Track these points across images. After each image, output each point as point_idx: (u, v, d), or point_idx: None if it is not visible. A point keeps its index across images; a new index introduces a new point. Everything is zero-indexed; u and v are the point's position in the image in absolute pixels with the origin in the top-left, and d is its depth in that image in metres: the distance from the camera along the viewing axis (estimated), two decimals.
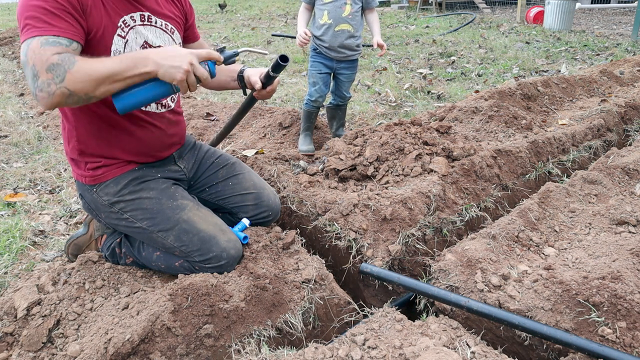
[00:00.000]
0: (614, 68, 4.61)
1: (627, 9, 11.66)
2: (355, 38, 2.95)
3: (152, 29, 1.65)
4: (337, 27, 2.88)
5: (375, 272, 1.70)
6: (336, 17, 2.87)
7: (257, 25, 10.06)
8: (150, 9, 1.65)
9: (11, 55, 7.25)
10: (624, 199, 2.12)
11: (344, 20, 2.87)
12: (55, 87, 1.31)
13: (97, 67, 1.35)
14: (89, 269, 1.72)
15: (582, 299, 1.46)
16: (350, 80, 3.13)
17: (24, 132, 3.73)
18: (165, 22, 1.70)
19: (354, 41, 2.95)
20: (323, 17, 2.90)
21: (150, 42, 1.64)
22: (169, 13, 1.72)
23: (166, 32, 1.71)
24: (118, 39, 1.54)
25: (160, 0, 1.71)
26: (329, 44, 2.92)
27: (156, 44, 1.67)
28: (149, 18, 1.64)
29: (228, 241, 1.67)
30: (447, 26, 9.22)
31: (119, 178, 1.69)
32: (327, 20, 2.88)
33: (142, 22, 1.62)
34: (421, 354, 1.28)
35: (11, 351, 1.48)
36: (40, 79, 1.31)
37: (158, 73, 1.39)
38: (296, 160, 2.60)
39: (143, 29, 1.62)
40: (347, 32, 2.90)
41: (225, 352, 1.47)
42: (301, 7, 3.09)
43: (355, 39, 2.96)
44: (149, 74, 1.40)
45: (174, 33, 1.74)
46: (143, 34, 1.62)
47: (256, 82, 1.79)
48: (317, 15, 2.95)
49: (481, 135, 2.89)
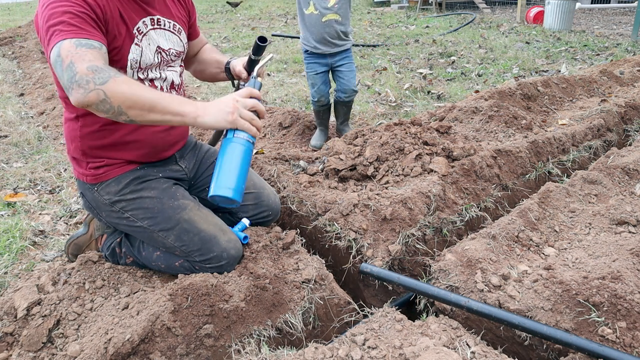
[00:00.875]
0: (614, 68, 4.61)
1: (627, 9, 11.66)
2: (343, 26, 2.94)
3: (162, 32, 1.67)
4: (324, 17, 2.88)
5: (375, 272, 1.70)
6: (322, 8, 2.86)
7: (257, 25, 10.06)
8: (159, 11, 1.67)
9: (11, 55, 7.25)
10: (624, 199, 2.12)
11: (330, 10, 2.87)
12: (93, 86, 1.28)
13: (142, 91, 1.34)
14: (89, 269, 1.72)
15: (582, 299, 1.46)
16: (350, 70, 3.09)
17: (24, 132, 3.73)
18: (173, 23, 1.73)
19: (342, 29, 2.94)
20: (309, 8, 2.89)
21: (162, 47, 1.67)
22: (175, 13, 1.74)
23: (174, 33, 1.73)
24: (135, 47, 1.56)
25: (168, 0, 1.73)
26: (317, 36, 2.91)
27: (166, 47, 1.69)
28: (158, 21, 1.66)
29: (228, 241, 1.68)
30: (447, 26, 9.22)
31: (120, 177, 1.69)
32: (313, 11, 2.88)
33: (153, 26, 1.63)
34: (421, 354, 1.28)
35: (11, 351, 1.48)
36: (79, 74, 1.27)
37: (199, 118, 1.38)
38: (296, 160, 2.60)
39: (154, 34, 1.64)
40: (335, 21, 2.90)
41: (225, 352, 1.47)
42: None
43: (344, 26, 2.95)
44: (185, 115, 1.38)
45: (181, 33, 1.77)
46: (154, 39, 1.63)
47: (241, 71, 1.82)
48: (303, 6, 2.94)
49: (481, 135, 2.88)
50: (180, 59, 1.81)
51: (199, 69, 2.04)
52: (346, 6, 2.93)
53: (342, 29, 2.95)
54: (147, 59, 1.62)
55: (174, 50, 1.73)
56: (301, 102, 4.43)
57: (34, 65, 6.24)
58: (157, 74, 1.68)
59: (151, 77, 1.66)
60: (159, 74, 1.69)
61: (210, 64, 1.98)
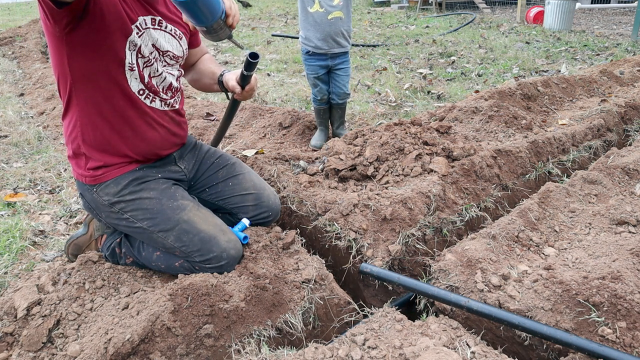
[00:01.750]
0: (614, 68, 4.61)
1: (627, 9, 11.66)
2: (346, 25, 2.98)
3: (162, 34, 1.68)
4: (330, 15, 2.90)
5: (375, 272, 1.70)
6: (328, 5, 2.88)
7: (257, 25, 10.06)
8: (161, 14, 1.68)
9: (11, 55, 7.25)
10: (624, 199, 2.12)
11: (335, 8, 2.89)
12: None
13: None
14: (89, 269, 1.72)
15: (582, 299, 1.46)
16: (347, 74, 3.16)
17: (24, 132, 3.73)
18: (175, 28, 1.73)
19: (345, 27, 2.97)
20: (314, 6, 2.90)
21: (159, 46, 1.67)
22: (177, 19, 1.75)
23: (175, 38, 1.74)
24: (135, 34, 1.57)
25: (171, 6, 1.73)
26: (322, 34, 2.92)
27: (165, 48, 1.69)
28: (159, 22, 1.66)
29: (228, 241, 1.68)
30: (447, 26, 9.21)
31: (119, 178, 1.70)
32: (319, 9, 2.89)
33: (154, 25, 1.64)
34: (421, 354, 1.28)
35: (11, 351, 1.48)
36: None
37: None
38: (296, 160, 2.60)
39: (154, 32, 1.64)
40: (340, 19, 2.92)
41: (225, 352, 1.47)
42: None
43: (347, 25, 2.99)
44: None
45: (182, 39, 1.78)
46: (154, 36, 1.64)
47: (235, 86, 1.83)
48: (307, 4, 2.95)
49: (481, 135, 2.89)
50: (178, 63, 1.81)
51: (194, 78, 2.05)
52: (348, 5, 2.97)
53: (346, 28, 2.99)
54: (146, 50, 1.62)
55: (171, 54, 1.73)
56: (301, 102, 4.43)
57: (34, 65, 6.24)
58: (156, 70, 1.69)
59: (150, 71, 1.67)
60: (158, 70, 1.69)
61: (205, 75, 2.00)
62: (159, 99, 1.73)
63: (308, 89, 4.80)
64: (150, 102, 1.71)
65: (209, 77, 1.98)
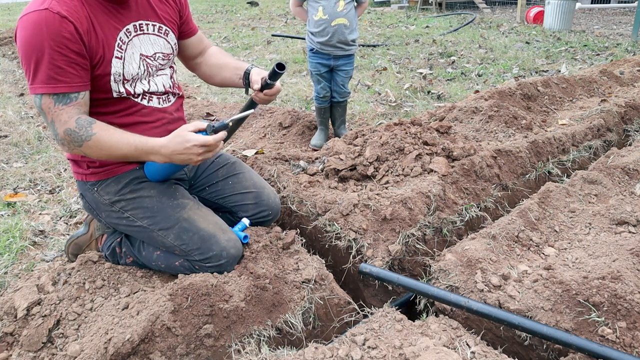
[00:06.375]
0: (614, 68, 4.61)
1: (627, 9, 11.66)
2: (351, 32, 3.00)
3: (145, 38, 1.65)
4: (334, 22, 2.93)
5: (374, 272, 1.70)
6: (332, 12, 2.91)
7: (257, 25, 10.06)
8: (142, 15, 1.64)
9: (11, 55, 7.25)
10: (624, 199, 2.12)
11: (339, 15, 2.92)
12: (73, 147, 1.51)
13: (112, 147, 1.51)
14: (89, 269, 1.72)
15: (582, 299, 1.46)
16: (348, 76, 3.21)
17: (24, 132, 3.73)
18: (160, 25, 1.70)
19: (350, 35, 3.00)
20: (318, 14, 2.94)
21: (145, 53, 1.65)
22: (162, 15, 1.71)
23: (160, 36, 1.71)
24: (116, 61, 1.56)
25: (154, 2, 1.70)
26: (326, 40, 2.97)
27: (151, 52, 1.67)
28: (140, 27, 1.64)
29: (228, 240, 1.67)
30: (447, 26, 9.21)
31: (119, 177, 1.70)
32: (322, 16, 2.92)
33: (137, 32, 1.63)
34: (421, 354, 1.28)
35: (11, 351, 1.48)
36: (59, 136, 1.49)
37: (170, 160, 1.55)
38: (296, 160, 2.60)
39: (137, 41, 1.63)
40: (344, 26, 2.95)
41: (225, 352, 1.47)
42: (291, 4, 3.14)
43: (352, 32, 3.01)
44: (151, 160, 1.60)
45: (169, 35, 1.74)
46: (137, 46, 1.62)
47: (256, 81, 1.78)
48: (311, 12, 2.99)
49: (481, 135, 2.89)
50: (170, 60, 1.79)
51: (211, 73, 1.97)
52: (353, 12, 3.00)
53: (350, 35, 3.00)
54: (132, 69, 1.61)
55: (160, 54, 1.71)
56: (301, 102, 4.43)
57: None
58: (145, 86, 1.68)
59: (138, 91, 1.66)
60: (148, 84, 1.69)
61: (227, 68, 1.91)
62: (155, 97, 1.74)
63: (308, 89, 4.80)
64: (148, 102, 1.71)
65: (232, 71, 1.90)
